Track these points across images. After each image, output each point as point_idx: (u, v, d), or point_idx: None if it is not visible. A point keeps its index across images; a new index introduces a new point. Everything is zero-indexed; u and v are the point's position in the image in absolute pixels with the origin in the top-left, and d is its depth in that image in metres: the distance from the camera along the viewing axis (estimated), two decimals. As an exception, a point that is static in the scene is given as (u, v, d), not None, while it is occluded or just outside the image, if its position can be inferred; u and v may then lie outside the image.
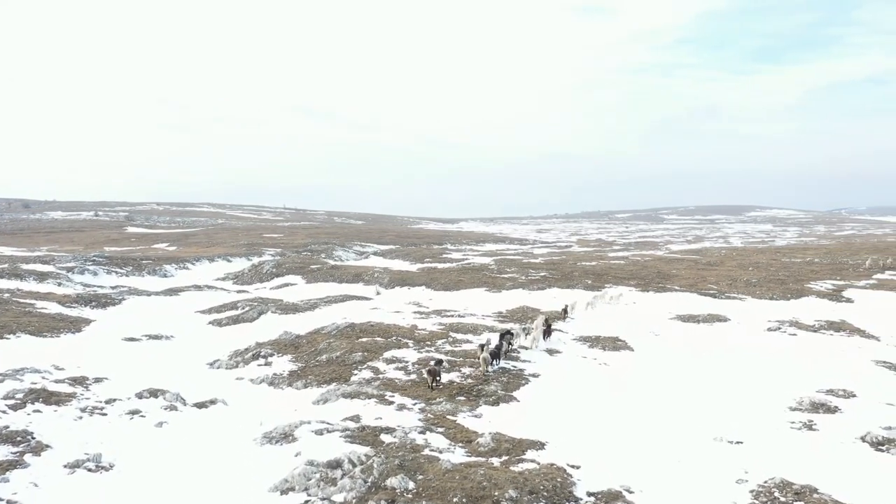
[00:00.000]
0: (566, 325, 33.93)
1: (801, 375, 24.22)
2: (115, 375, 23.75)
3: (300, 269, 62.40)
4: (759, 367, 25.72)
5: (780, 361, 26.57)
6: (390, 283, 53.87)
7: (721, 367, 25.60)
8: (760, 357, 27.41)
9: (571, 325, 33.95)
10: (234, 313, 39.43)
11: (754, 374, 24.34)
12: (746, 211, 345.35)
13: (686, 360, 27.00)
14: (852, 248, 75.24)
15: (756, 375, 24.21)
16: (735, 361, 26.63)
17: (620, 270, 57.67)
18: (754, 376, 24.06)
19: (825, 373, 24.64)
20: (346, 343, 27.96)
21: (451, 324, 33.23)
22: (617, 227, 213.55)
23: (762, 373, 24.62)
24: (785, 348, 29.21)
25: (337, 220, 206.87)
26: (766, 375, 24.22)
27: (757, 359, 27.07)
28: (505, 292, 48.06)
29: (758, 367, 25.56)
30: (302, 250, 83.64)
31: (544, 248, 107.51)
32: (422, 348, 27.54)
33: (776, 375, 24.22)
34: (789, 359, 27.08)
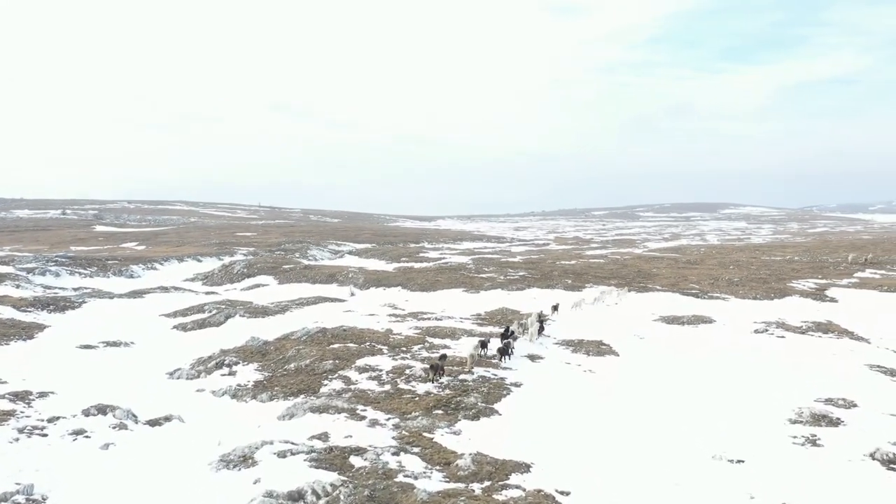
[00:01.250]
0: (548, 328, 32.57)
1: (796, 383, 23.07)
2: (63, 389, 21.88)
3: (272, 270, 60.46)
4: (750, 373, 24.55)
5: (773, 367, 25.44)
6: (365, 284, 52.21)
7: (711, 374, 24.39)
8: (751, 362, 26.28)
9: (553, 328, 32.60)
10: (201, 317, 37.53)
11: (747, 382, 23.15)
12: (721, 208, 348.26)
13: (674, 365, 25.76)
14: (830, 245, 75.09)
15: (749, 383, 23.01)
16: (725, 367, 25.46)
17: (600, 270, 56.57)
18: (747, 384, 22.86)
19: (821, 379, 23.53)
20: (316, 350, 26.32)
21: (428, 328, 31.71)
22: (594, 225, 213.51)
23: (755, 380, 23.44)
24: (775, 352, 28.12)
25: (313, 219, 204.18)
26: (759, 383, 23.04)
27: (748, 364, 25.93)
28: (483, 293, 46.66)
29: (750, 374, 24.40)
30: (275, 249, 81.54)
31: (522, 246, 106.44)
32: (397, 355, 25.98)
33: (770, 383, 23.05)
34: (781, 364, 25.97)
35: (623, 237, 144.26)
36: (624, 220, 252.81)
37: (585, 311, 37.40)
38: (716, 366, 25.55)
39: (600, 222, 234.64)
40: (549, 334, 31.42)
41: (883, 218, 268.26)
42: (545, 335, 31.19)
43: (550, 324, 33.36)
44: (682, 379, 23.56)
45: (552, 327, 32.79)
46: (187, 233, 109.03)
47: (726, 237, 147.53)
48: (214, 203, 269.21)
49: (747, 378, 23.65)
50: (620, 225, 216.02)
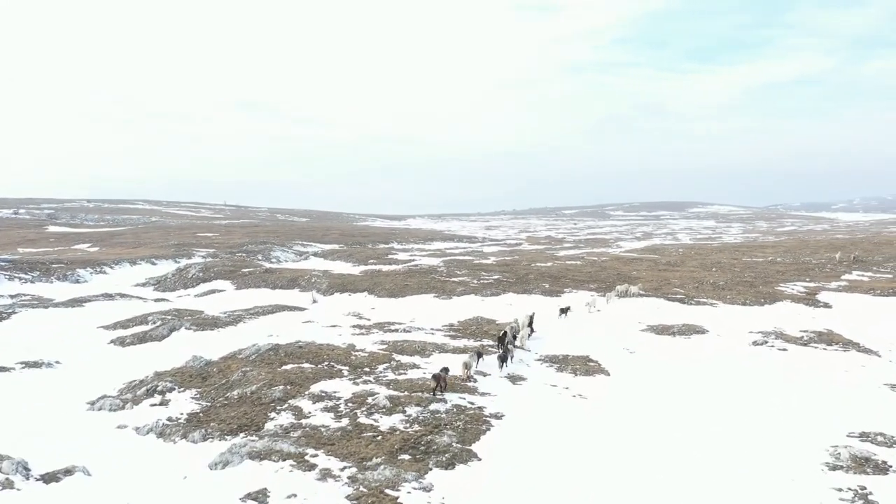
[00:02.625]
0: (528, 342, 29.53)
1: (817, 410, 20.31)
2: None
3: (230, 274, 56.58)
4: (761, 398, 21.75)
5: (783, 389, 22.67)
6: (329, 289, 48.70)
7: (716, 400, 21.50)
8: (757, 383, 23.50)
9: (534, 341, 29.58)
10: (142, 329, 33.78)
11: (760, 411, 20.28)
12: (689, 207, 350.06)
13: (672, 388, 22.86)
14: (809, 245, 73.47)
15: (763, 412, 20.15)
16: (730, 390, 22.62)
17: (578, 272, 53.80)
18: (761, 413, 19.99)
19: (843, 405, 20.79)
20: (266, 372, 22.88)
21: (396, 342, 28.43)
22: (565, 224, 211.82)
23: (769, 407, 20.60)
24: (780, 369, 25.38)
25: (280, 218, 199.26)
26: (775, 412, 20.20)
27: (754, 385, 23.14)
28: (456, 299, 43.49)
29: (760, 399, 21.58)
30: (237, 251, 77.47)
31: (494, 246, 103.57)
32: (359, 377, 22.68)
33: (788, 411, 20.23)
34: (792, 385, 23.22)
35: (595, 236, 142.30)
36: (595, 219, 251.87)
37: (568, 320, 34.41)
38: (719, 388, 22.70)
39: (571, 221, 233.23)
40: (529, 348, 28.38)
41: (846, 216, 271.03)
42: (525, 350, 28.15)
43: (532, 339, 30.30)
44: (684, 407, 20.62)
45: (532, 339, 29.76)
46: (145, 233, 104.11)
47: (698, 236, 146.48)
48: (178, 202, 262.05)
49: (759, 405, 20.78)
50: (592, 224, 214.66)
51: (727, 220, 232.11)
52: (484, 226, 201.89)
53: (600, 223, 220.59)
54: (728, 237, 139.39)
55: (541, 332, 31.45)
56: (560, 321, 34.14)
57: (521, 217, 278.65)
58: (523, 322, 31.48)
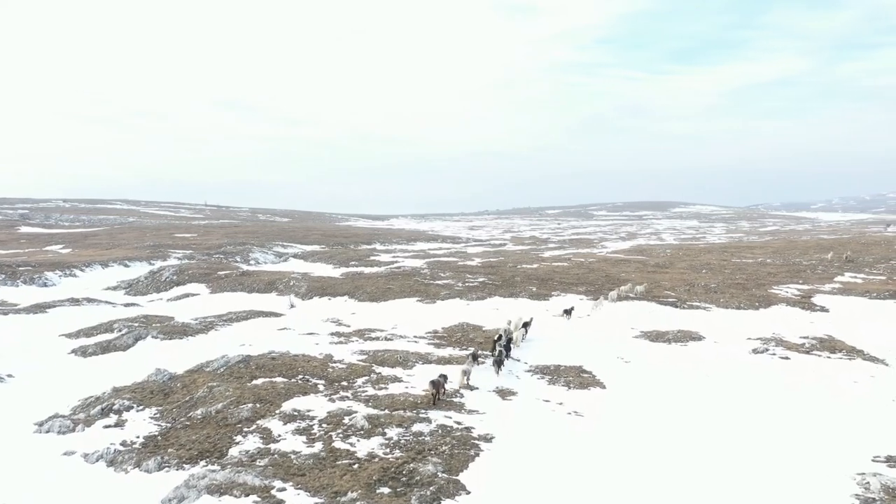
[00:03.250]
0: (517, 350, 27.88)
1: (832, 428, 18.82)
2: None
3: (205, 277, 54.46)
4: (768, 412, 20.25)
5: (791, 402, 21.18)
6: (308, 293, 46.78)
7: (721, 416, 19.96)
8: (762, 394, 22.01)
9: (523, 349, 27.93)
10: (107, 338, 31.71)
11: (772, 431, 18.70)
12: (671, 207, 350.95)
13: (672, 401, 21.30)
14: (797, 246, 72.58)
15: (776, 433, 18.57)
16: (734, 403, 21.10)
17: (566, 275, 52.28)
18: (775, 435, 18.41)
19: (859, 423, 19.31)
20: (234, 388, 21.03)
21: (376, 351, 26.65)
22: (549, 224, 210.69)
23: (781, 428, 19.03)
24: (784, 379, 23.90)
25: (261, 218, 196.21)
26: (788, 432, 18.63)
27: (759, 397, 21.64)
28: (440, 303, 41.78)
29: (767, 414, 20.08)
30: (214, 253, 75.17)
31: (478, 246, 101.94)
32: (335, 392, 20.90)
33: (802, 431, 18.69)
34: (799, 397, 21.74)
35: (580, 237, 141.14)
36: (578, 219, 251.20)
37: (557, 326, 32.84)
38: (722, 403, 21.15)
39: (555, 221, 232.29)
40: (518, 357, 26.72)
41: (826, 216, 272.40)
42: (514, 358, 26.50)
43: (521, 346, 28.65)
44: (687, 426, 19.03)
45: (522, 348, 28.13)
46: (121, 234, 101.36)
47: (682, 236, 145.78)
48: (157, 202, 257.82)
49: (769, 424, 19.24)
50: (575, 224, 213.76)
51: (710, 220, 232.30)
52: (468, 226, 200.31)
53: (584, 223, 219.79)
54: (712, 237, 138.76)
55: (529, 339, 29.85)
56: (550, 327, 32.57)
57: (504, 217, 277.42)
58: (517, 324, 30.03)
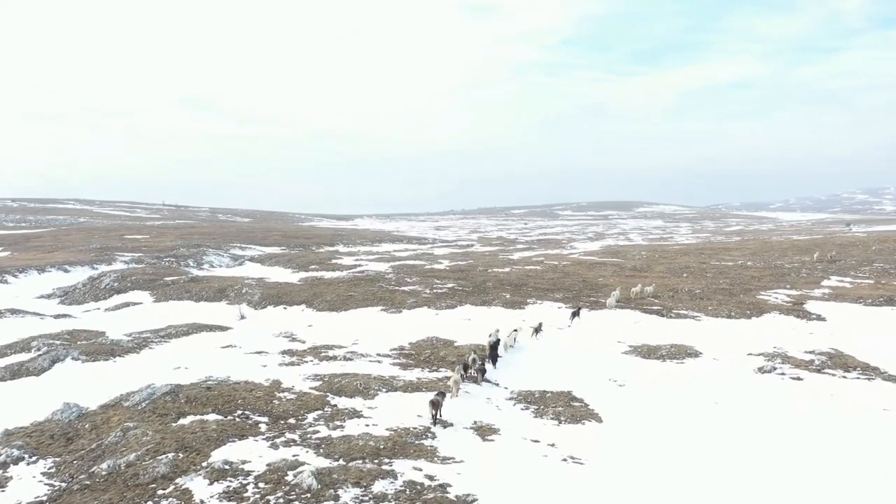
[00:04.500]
0: (495, 371, 24.45)
1: (878, 474, 15.73)
2: None
3: (150, 283, 49.97)
4: (801, 456, 17.09)
5: (824, 441, 18.06)
6: (261, 302, 42.78)
7: (744, 461, 16.72)
8: (785, 429, 18.89)
9: (503, 371, 24.51)
10: (21, 359, 27.42)
11: (811, 480, 15.55)
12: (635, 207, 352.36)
13: (683, 438, 18.06)
14: (774, 248, 70.63)
15: (814, 483, 15.42)
16: (756, 444, 17.91)
17: (540, 279, 49.07)
18: (814, 486, 15.27)
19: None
20: (155, 430, 17.15)
21: (333, 375, 22.93)
22: (516, 224, 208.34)
23: (819, 475, 15.88)
24: (805, 407, 20.86)
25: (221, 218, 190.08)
26: (831, 481, 15.51)
27: (783, 434, 18.51)
28: (406, 312, 38.21)
29: (802, 460, 16.91)
30: (165, 255, 70.28)
31: (445, 247, 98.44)
32: (280, 434, 17.16)
33: (846, 479, 15.57)
34: (831, 433, 18.64)
35: (548, 237, 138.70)
36: (544, 219, 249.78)
37: (538, 343, 29.48)
38: (739, 439, 17.95)
39: (522, 221, 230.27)
40: (497, 381, 23.29)
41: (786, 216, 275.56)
42: (492, 382, 23.07)
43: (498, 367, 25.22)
44: (705, 469, 15.76)
45: (501, 370, 24.70)
46: (67, 236, 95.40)
47: (650, 236, 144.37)
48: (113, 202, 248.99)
49: (803, 469, 16.06)
50: (542, 224, 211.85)
51: (674, 220, 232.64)
52: (434, 226, 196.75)
53: (551, 223, 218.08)
54: (680, 237, 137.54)
55: (509, 356, 26.46)
56: (530, 342, 29.21)
57: (470, 217, 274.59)
58: (504, 334, 27.51)
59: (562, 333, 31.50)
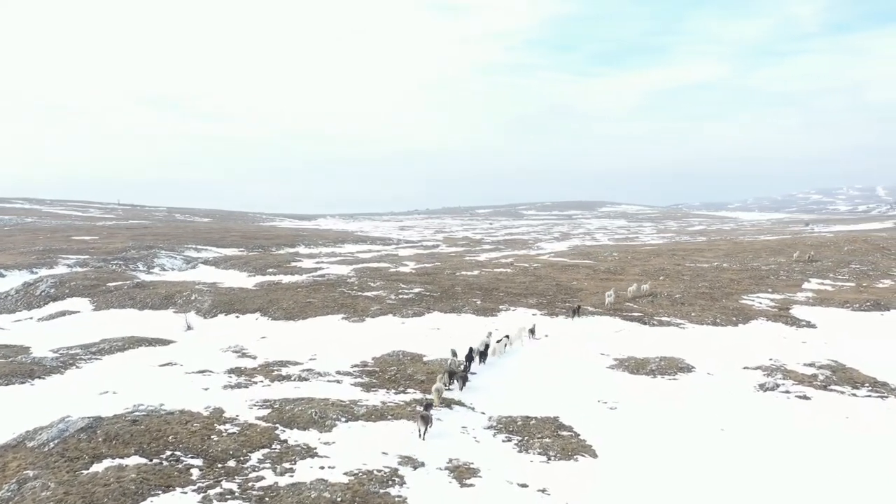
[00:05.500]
0: (468, 393, 21.72)
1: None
2: None
3: (91, 289, 46.05)
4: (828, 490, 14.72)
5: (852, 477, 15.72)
6: (212, 310, 39.38)
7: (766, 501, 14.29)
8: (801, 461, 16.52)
9: (479, 392, 21.80)
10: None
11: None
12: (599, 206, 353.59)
13: (689, 473, 15.58)
14: (745, 248, 69.29)
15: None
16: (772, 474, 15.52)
17: (512, 283, 46.50)
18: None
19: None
20: (59, 480, 13.98)
21: (285, 401, 19.92)
22: (481, 224, 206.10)
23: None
24: (819, 432, 18.56)
25: (179, 218, 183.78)
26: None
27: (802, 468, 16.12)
28: (369, 321, 35.31)
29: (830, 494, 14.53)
30: (113, 258, 65.89)
31: (410, 248, 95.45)
32: (215, 484, 14.15)
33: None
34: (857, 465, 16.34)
35: (514, 237, 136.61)
36: (509, 219, 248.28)
37: (517, 357, 26.86)
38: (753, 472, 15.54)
39: (487, 221, 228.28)
40: (473, 405, 20.55)
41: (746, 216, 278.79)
42: (468, 406, 20.35)
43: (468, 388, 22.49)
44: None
45: (477, 389, 21.99)
46: (8, 237, 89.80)
47: (615, 236, 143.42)
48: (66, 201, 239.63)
49: None
50: (507, 224, 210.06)
51: (638, 220, 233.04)
52: (398, 226, 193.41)
53: (516, 223, 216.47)
54: (645, 237, 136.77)
55: (485, 371, 23.79)
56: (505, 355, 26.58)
57: (435, 216, 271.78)
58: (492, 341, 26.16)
59: (541, 344, 28.95)
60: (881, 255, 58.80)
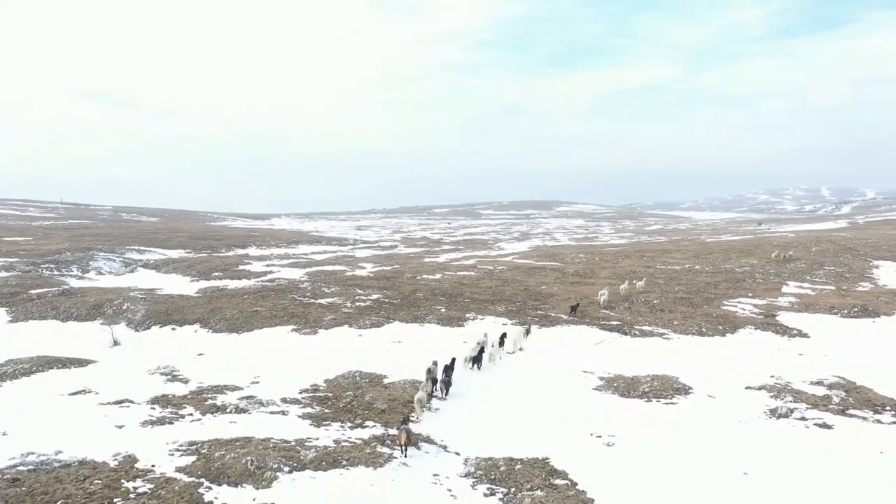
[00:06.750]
0: (436, 422, 18.42)
1: None
2: None
3: (10, 298, 41.20)
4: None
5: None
6: (145, 321, 35.25)
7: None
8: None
9: (452, 424, 18.51)
10: None
11: None
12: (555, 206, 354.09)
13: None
14: (713, 249, 67.49)
15: None
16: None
17: (477, 288, 43.31)
18: None
19: None
20: None
21: (216, 443, 16.29)
22: (439, 224, 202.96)
23: None
24: (857, 476, 15.76)
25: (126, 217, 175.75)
26: None
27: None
28: (323, 333, 31.74)
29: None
30: (44, 261, 60.45)
31: (368, 249, 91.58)
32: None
33: None
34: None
35: (473, 237, 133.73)
36: (467, 218, 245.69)
37: (489, 372, 23.69)
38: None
39: (445, 220, 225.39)
40: (445, 443, 17.24)
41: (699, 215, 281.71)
42: (439, 445, 17.03)
43: (436, 410, 19.19)
44: None
45: (449, 419, 18.71)
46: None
47: (575, 236, 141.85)
48: (3, 200, 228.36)
49: None
50: (466, 223, 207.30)
51: (595, 219, 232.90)
52: (354, 226, 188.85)
53: (474, 222, 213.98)
54: (605, 237, 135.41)
55: (453, 398, 20.51)
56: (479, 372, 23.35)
57: (392, 216, 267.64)
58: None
59: (515, 359, 25.82)
60: (851, 257, 57.48)
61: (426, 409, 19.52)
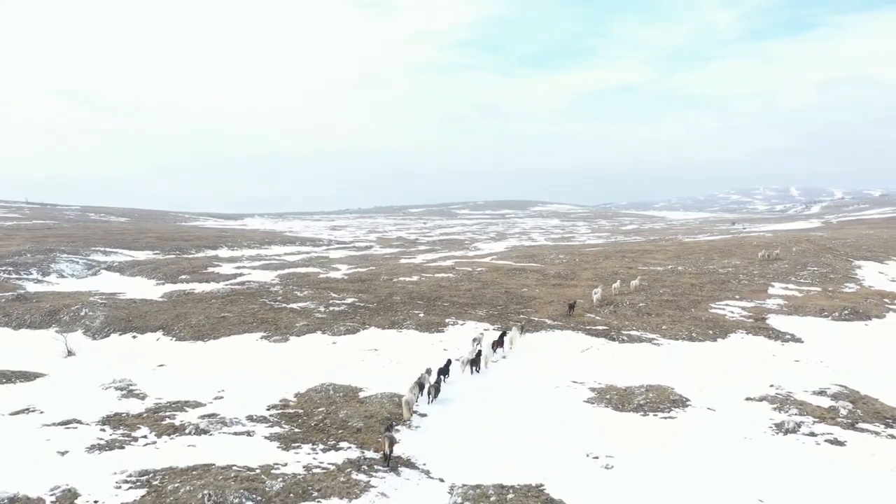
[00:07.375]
0: (418, 439, 16.79)
1: None
2: None
3: (-41, 303, 38.72)
4: None
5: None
6: (104, 328, 33.17)
7: None
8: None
9: (436, 445, 16.88)
10: None
11: None
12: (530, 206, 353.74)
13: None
14: (693, 249, 66.61)
15: None
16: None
17: (456, 291, 41.68)
18: None
19: None
20: None
21: (171, 472, 14.45)
22: (415, 224, 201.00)
23: None
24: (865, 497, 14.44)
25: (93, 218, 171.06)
26: None
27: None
28: (294, 341, 29.98)
29: None
30: (2, 264, 57.63)
31: (342, 249, 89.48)
32: None
33: None
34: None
35: (449, 237, 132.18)
36: (443, 218, 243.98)
37: (474, 382, 22.10)
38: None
39: (420, 220, 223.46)
40: (428, 466, 15.61)
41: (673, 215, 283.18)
42: (420, 469, 15.40)
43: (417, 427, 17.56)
44: None
45: (431, 440, 17.07)
46: None
47: (552, 236, 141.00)
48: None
49: None
50: (441, 223, 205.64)
51: (571, 219, 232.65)
52: (329, 226, 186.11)
53: (450, 222, 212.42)
54: (582, 237, 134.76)
55: (434, 415, 18.86)
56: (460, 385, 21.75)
57: (367, 216, 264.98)
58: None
59: (499, 368, 24.27)
60: (833, 257, 56.90)
61: (414, 412, 18.93)
